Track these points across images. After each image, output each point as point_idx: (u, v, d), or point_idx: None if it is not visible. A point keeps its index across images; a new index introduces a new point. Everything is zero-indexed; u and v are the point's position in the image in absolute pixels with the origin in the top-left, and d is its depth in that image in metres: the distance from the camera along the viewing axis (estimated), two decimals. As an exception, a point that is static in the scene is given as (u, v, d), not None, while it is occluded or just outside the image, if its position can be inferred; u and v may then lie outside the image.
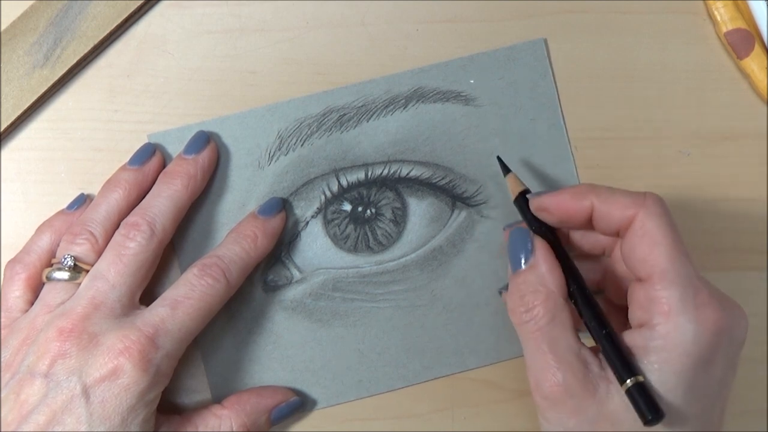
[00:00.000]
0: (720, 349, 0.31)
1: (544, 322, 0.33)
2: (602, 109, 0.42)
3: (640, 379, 0.30)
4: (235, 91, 0.41)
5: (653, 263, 0.32)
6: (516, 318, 0.34)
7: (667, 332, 0.31)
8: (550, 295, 0.33)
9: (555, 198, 0.35)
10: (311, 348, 0.40)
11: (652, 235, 0.32)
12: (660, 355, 0.31)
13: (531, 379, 0.33)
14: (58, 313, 0.35)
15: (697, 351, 0.31)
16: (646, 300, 0.32)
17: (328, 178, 0.40)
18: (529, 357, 0.33)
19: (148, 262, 0.36)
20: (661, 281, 0.32)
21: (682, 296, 0.31)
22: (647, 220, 0.32)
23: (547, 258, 0.34)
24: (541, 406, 0.33)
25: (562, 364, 0.32)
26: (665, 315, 0.31)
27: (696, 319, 0.31)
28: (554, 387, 0.32)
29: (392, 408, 0.41)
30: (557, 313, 0.33)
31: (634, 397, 0.30)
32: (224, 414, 0.37)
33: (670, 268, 0.32)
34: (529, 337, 0.33)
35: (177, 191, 0.37)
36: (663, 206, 0.33)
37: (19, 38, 0.40)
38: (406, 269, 0.40)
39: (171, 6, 0.41)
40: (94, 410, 0.33)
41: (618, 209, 0.33)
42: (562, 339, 0.32)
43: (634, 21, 0.42)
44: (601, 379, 0.32)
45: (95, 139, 0.41)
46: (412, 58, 0.41)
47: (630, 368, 0.31)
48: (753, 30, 0.42)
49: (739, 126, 0.42)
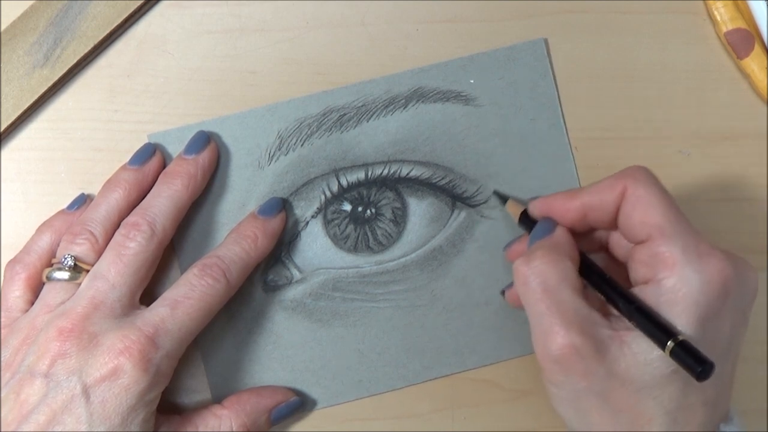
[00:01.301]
0: (728, 299, 0.31)
1: (552, 282, 0.32)
2: (602, 109, 0.42)
3: (680, 338, 0.30)
4: (235, 91, 0.41)
5: (651, 223, 0.32)
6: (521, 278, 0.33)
7: (674, 284, 0.31)
8: (561, 257, 0.33)
9: (548, 200, 0.36)
10: (311, 348, 0.40)
11: (644, 199, 0.33)
12: (671, 309, 0.31)
13: (537, 344, 0.33)
14: (58, 312, 0.35)
15: (706, 300, 0.31)
16: (649, 257, 0.32)
17: (328, 178, 0.40)
18: (536, 320, 0.33)
19: (148, 262, 0.36)
20: (661, 237, 0.32)
21: (684, 248, 0.31)
22: (636, 187, 0.33)
23: (566, 234, 0.35)
24: (549, 370, 0.32)
25: (572, 326, 0.31)
26: (670, 268, 0.31)
27: (701, 268, 0.31)
28: (564, 349, 0.31)
29: (392, 408, 0.41)
30: (567, 276, 0.32)
31: (680, 356, 0.30)
32: (224, 414, 0.37)
33: (667, 225, 0.32)
34: (537, 298, 0.32)
35: (177, 191, 0.37)
36: (648, 173, 0.34)
37: (19, 38, 0.40)
38: (406, 269, 0.40)
39: (171, 6, 0.41)
40: (94, 410, 0.33)
41: (608, 192, 0.34)
42: (570, 301, 0.32)
43: (634, 21, 0.42)
44: (613, 340, 0.32)
45: (95, 139, 0.41)
46: (412, 58, 0.41)
47: (667, 330, 0.30)
48: (753, 30, 0.42)
49: (739, 126, 0.42)
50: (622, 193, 0.33)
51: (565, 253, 0.33)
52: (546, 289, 0.32)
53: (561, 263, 0.33)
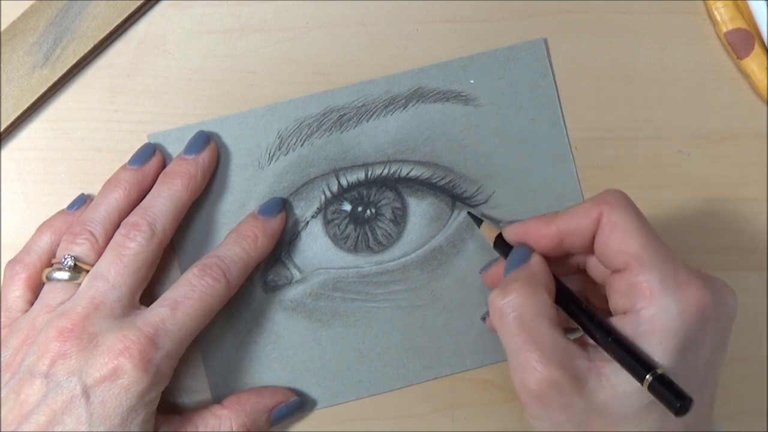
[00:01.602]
0: (707, 326, 0.31)
1: (528, 316, 0.32)
2: (602, 109, 0.42)
3: (659, 371, 0.30)
4: (235, 91, 0.41)
5: (627, 251, 0.32)
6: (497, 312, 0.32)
7: (652, 315, 0.31)
8: (537, 289, 0.33)
9: (523, 225, 0.35)
10: (311, 348, 0.40)
11: (620, 226, 0.32)
12: (649, 340, 0.31)
13: (516, 379, 0.32)
14: (58, 313, 0.35)
15: (684, 330, 0.31)
16: (626, 287, 0.32)
17: (328, 178, 0.40)
18: (513, 354, 0.32)
19: (148, 262, 0.36)
20: (639, 266, 0.31)
21: (661, 277, 0.31)
22: (612, 213, 0.33)
23: (542, 263, 0.34)
24: (529, 405, 0.32)
25: (549, 361, 0.31)
26: (648, 298, 0.31)
27: (679, 297, 0.31)
28: (541, 384, 0.31)
29: (392, 408, 0.41)
30: (544, 309, 0.32)
31: (658, 391, 0.30)
32: (224, 414, 0.37)
33: (644, 253, 0.31)
34: (513, 333, 0.32)
35: (177, 191, 0.37)
36: (624, 198, 0.33)
37: (19, 38, 0.40)
38: (406, 269, 0.40)
39: (171, 6, 0.41)
40: (94, 410, 0.33)
41: (583, 217, 0.33)
42: (547, 334, 0.32)
43: (634, 21, 0.42)
44: (591, 372, 0.31)
45: (95, 139, 0.41)
46: (412, 58, 0.41)
47: (646, 364, 0.30)
48: (753, 30, 0.42)
49: (739, 126, 0.42)
50: (598, 219, 0.33)
51: (541, 284, 0.33)
52: (522, 323, 0.32)
53: (537, 295, 0.32)
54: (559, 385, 0.31)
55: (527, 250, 0.35)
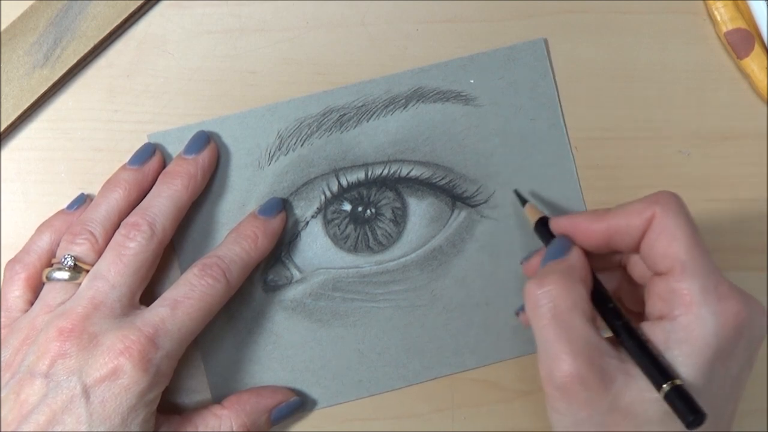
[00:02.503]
0: (739, 343, 0.31)
1: (563, 307, 0.31)
2: (602, 109, 0.42)
3: (677, 382, 0.30)
4: (235, 91, 0.41)
5: (673, 257, 0.32)
6: (532, 300, 0.32)
7: (689, 323, 0.31)
8: (575, 283, 0.32)
9: (572, 219, 0.35)
10: (311, 348, 0.40)
11: (670, 230, 0.32)
12: (682, 348, 0.31)
13: (542, 368, 0.32)
14: (58, 313, 0.35)
15: (717, 343, 0.30)
16: (666, 292, 0.32)
17: (328, 178, 0.40)
18: (542, 345, 0.32)
19: (148, 262, 0.36)
20: (682, 273, 0.31)
21: (703, 287, 0.31)
22: (664, 216, 0.32)
23: (581, 257, 0.34)
24: (551, 396, 0.32)
25: (577, 354, 0.31)
26: (687, 306, 0.31)
27: (717, 310, 0.31)
28: (567, 377, 0.31)
29: (392, 408, 0.41)
30: (578, 301, 0.32)
31: (673, 401, 0.29)
32: (224, 414, 0.37)
33: (690, 261, 0.31)
34: (546, 323, 0.32)
35: (177, 191, 0.37)
36: (678, 201, 0.33)
37: (19, 38, 0.40)
38: (406, 269, 0.40)
39: (171, 6, 0.41)
40: (94, 410, 0.33)
41: (636, 217, 0.33)
42: (580, 328, 0.31)
43: (634, 21, 0.42)
44: (620, 372, 0.31)
45: (95, 139, 0.41)
46: (412, 58, 0.41)
47: (666, 373, 0.30)
48: (753, 30, 0.42)
49: (739, 126, 0.42)
50: (650, 219, 0.32)
51: (578, 278, 0.33)
52: (556, 314, 0.32)
53: (574, 289, 0.32)
54: (585, 381, 0.31)
55: (568, 243, 0.34)
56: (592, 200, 0.41)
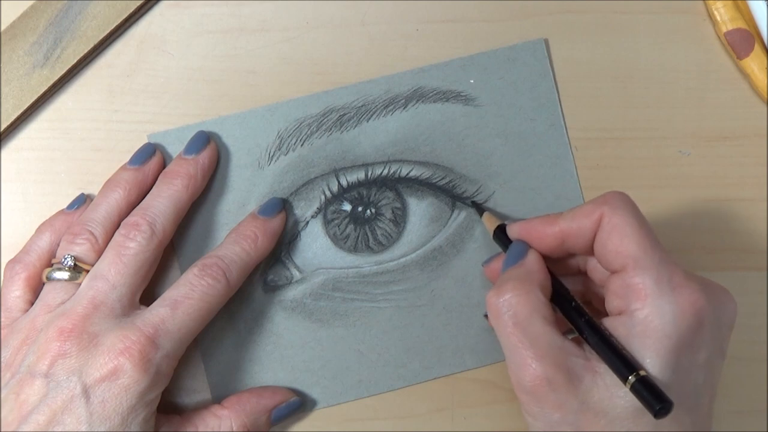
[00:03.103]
0: (702, 330, 0.31)
1: (523, 314, 0.32)
2: (602, 109, 0.42)
3: (642, 373, 0.30)
4: (235, 91, 0.41)
5: (625, 253, 0.32)
6: (494, 310, 0.33)
7: (646, 316, 0.31)
8: (533, 289, 0.33)
9: (526, 224, 0.35)
10: (311, 348, 0.40)
11: (619, 228, 0.32)
12: (642, 340, 0.31)
13: (512, 375, 0.33)
14: (58, 313, 0.35)
15: (678, 332, 0.31)
16: (622, 288, 0.32)
17: (328, 178, 0.40)
18: (509, 353, 0.33)
19: (148, 262, 0.36)
20: (634, 268, 0.32)
21: (656, 279, 0.31)
22: (612, 215, 0.33)
23: (538, 260, 0.34)
24: (524, 401, 0.33)
25: (542, 357, 0.31)
26: (642, 299, 0.31)
27: (674, 300, 0.31)
28: (535, 381, 0.31)
29: (392, 408, 0.41)
30: (538, 306, 0.32)
31: (640, 392, 0.30)
32: (224, 414, 0.37)
33: (641, 255, 0.32)
34: (509, 331, 0.32)
35: (177, 191, 0.37)
36: (625, 199, 0.33)
37: (19, 38, 0.40)
38: (406, 269, 0.40)
39: (171, 6, 0.41)
40: (94, 410, 0.33)
41: (585, 219, 0.33)
42: (542, 333, 0.32)
43: (634, 21, 0.42)
44: (586, 371, 0.32)
45: (95, 139, 0.41)
46: (412, 58, 0.41)
47: (630, 365, 0.30)
48: (753, 30, 0.42)
49: (739, 126, 0.42)
50: (599, 220, 0.33)
51: (536, 283, 0.33)
52: (517, 322, 0.32)
53: (532, 294, 0.33)
54: (553, 383, 0.31)
55: (524, 248, 0.35)
56: (592, 200, 0.41)
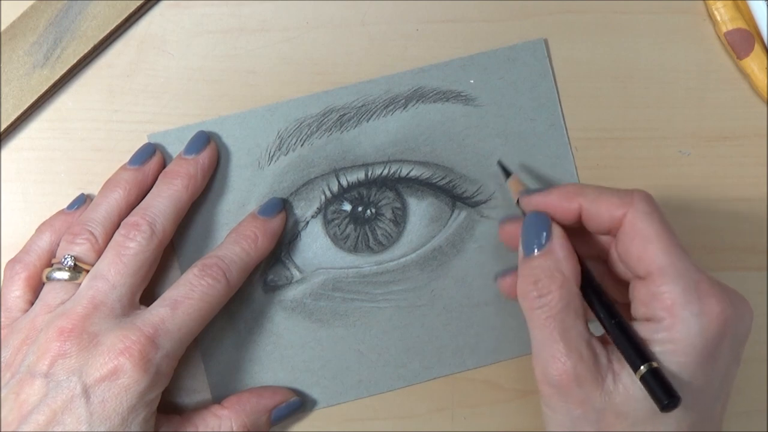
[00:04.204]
0: (725, 340, 0.31)
1: (558, 308, 0.32)
2: (602, 109, 0.42)
3: (654, 364, 0.30)
4: (235, 91, 0.41)
5: (649, 261, 0.32)
6: (527, 303, 0.33)
7: (672, 325, 0.31)
8: (566, 282, 0.33)
9: (544, 198, 0.35)
10: (311, 348, 0.40)
11: (644, 234, 0.32)
12: (665, 346, 0.31)
13: (537, 367, 0.33)
14: (58, 312, 0.35)
15: (702, 343, 0.31)
16: (647, 296, 0.32)
17: (328, 178, 0.40)
18: (538, 344, 0.33)
19: (148, 262, 0.36)
20: (660, 277, 0.31)
21: (683, 290, 0.31)
22: (637, 219, 0.32)
23: (564, 244, 0.34)
24: (546, 394, 0.32)
25: (572, 353, 0.31)
26: (668, 310, 0.31)
27: (700, 311, 0.31)
28: (563, 375, 0.31)
29: (392, 408, 0.41)
30: (571, 300, 0.32)
31: (649, 383, 0.30)
32: (224, 414, 0.37)
33: (667, 264, 0.31)
34: (541, 323, 0.32)
35: (177, 191, 0.37)
36: (651, 203, 0.33)
37: (19, 38, 0.40)
38: (406, 269, 0.40)
39: (171, 6, 0.41)
40: (94, 410, 0.33)
41: (606, 210, 0.33)
42: (574, 327, 0.32)
43: (634, 21, 0.42)
44: (609, 371, 0.32)
45: (95, 139, 0.41)
46: (412, 58, 0.41)
47: (643, 355, 0.30)
48: (753, 30, 0.42)
49: (739, 126, 0.42)
50: (621, 218, 0.33)
51: (569, 273, 0.33)
52: (551, 315, 0.32)
53: (565, 288, 0.32)
54: (580, 378, 0.31)
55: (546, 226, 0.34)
56: (592, 200, 0.41)
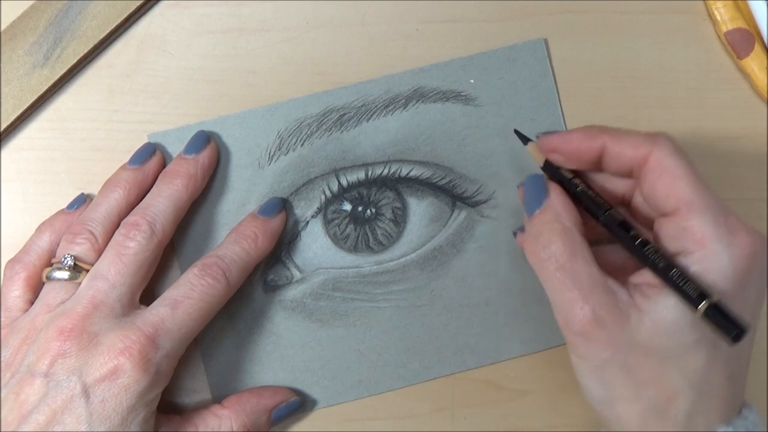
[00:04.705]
0: (753, 273, 0.31)
1: (564, 258, 0.32)
2: (602, 109, 0.42)
3: (714, 299, 0.30)
4: (235, 91, 0.41)
5: (678, 196, 0.32)
6: (535, 258, 0.33)
7: (703, 258, 0.31)
8: (567, 231, 0.33)
9: (565, 137, 0.35)
10: (311, 348, 0.40)
11: (671, 171, 0.32)
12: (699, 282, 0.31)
13: (559, 319, 0.33)
14: (58, 312, 0.35)
15: (733, 274, 0.31)
16: (677, 231, 0.32)
17: (328, 178, 0.40)
18: (555, 296, 0.33)
19: (148, 262, 0.36)
20: (689, 211, 0.31)
21: (713, 223, 0.31)
22: (663, 157, 0.32)
23: (561, 198, 0.34)
24: (573, 343, 0.33)
25: (589, 298, 0.31)
26: (699, 242, 0.31)
27: (730, 242, 0.31)
28: (584, 321, 0.31)
29: (392, 408, 0.41)
30: (576, 247, 0.32)
31: (713, 318, 0.29)
32: (224, 414, 0.37)
33: (695, 198, 0.31)
34: (551, 276, 0.32)
35: (177, 191, 0.37)
36: (675, 143, 0.33)
37: (19, 38, 0.40)
38: (406, 269, 0.40)
39: (171, 6, 0.41)
40: (94, 410, 0.33)
41: (631, 148, 0.33)
42: (585, 273, 0.32)
43: (634, 21, 0.42)
44: (632, 308, 0.32)
45: (95, 139, 0.41)
46: (412, 58, 0.41)
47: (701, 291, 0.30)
48: (753, 30, 0.42)
49: (739, 126, 0.42)
50: (646, 157, 0.33)
51: (569, 223, 0.33)
52: (559, 266, 0.32)
53: (568, 237, 0.33)
54: (601, 321, 0.31)
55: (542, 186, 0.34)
56: (592, 200, 0.41)
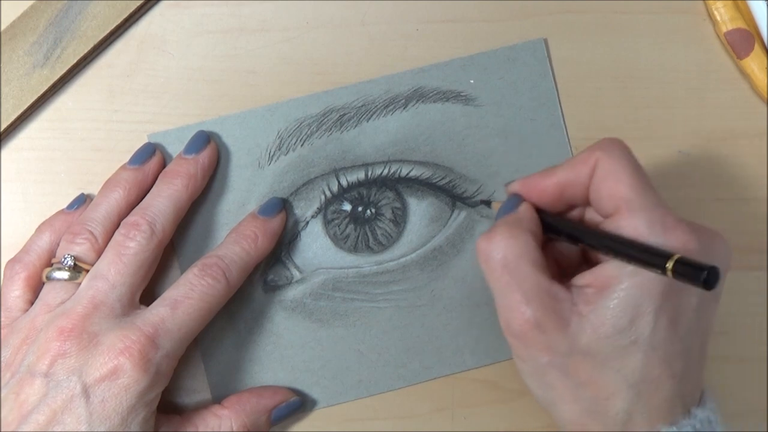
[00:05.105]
0: None
1: (511, 258, 0.32)
2: (602, 109, 0.42)
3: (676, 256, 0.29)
4: (235, 91, 0.41)
5: (618, 196, 0.32)
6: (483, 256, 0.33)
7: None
8: (521, 234, 0.33)
9: (524, 180, 0.35)
10: (311, 348, 0.40)
11: (613, 172, 0.32)
12: (632, 279, 0.31)
13: (501, 319, 0.33)
14: (58, 312, 0.35)
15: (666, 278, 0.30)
16: (615, 231, 0.32)
17: (328, 178, 0.40)
18: (498, 296, 0.33)
19: (148, 262, 0.36)
20: (627, 210, 0.32)
21: (648, 222, 0.31)
22: (606, 159, 0.33)
23: (529, 209, 0.34)
24: (513, 345, 0.33)
25: (530, 300, 0.32)
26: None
27: (664, 243, 0.31)
28: (523, 324, 0.32)
29: (392, 408, 0.41)
30: (525, 250, 0.32)
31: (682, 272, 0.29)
32: (224, 414, 0.37)
33: (634, 197, 0.32)
34: (498, 276, 0.32)
35: (177, 191, 0.37)
36: (620, 144, 0.33)
37: (19, 38, 0.40)
38: (406, 269, 0.40)
39: (171, 6, 0.41)
40: (94, 410, 0.33)
41: (581, 166, 0.33)
42: (530, 276, 0.32)
43: (634, 21, 0.42)
44: (574, 314, 0.32)
45: (95, 139, 0.41)
46: (412, 58, 0.41)
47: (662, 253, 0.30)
48: (753, 30, 0.42)
49: (739, 126, 0.42)
50: (594, 165, 0.33)
51: (525, 228, 0.33)
52: (506, 265, 0.32)
53: (521, 238, 0.33)
54: (541, 325, 0.31)
55: (517, 200, 0.35)
56: (592, 200, 0.41)
